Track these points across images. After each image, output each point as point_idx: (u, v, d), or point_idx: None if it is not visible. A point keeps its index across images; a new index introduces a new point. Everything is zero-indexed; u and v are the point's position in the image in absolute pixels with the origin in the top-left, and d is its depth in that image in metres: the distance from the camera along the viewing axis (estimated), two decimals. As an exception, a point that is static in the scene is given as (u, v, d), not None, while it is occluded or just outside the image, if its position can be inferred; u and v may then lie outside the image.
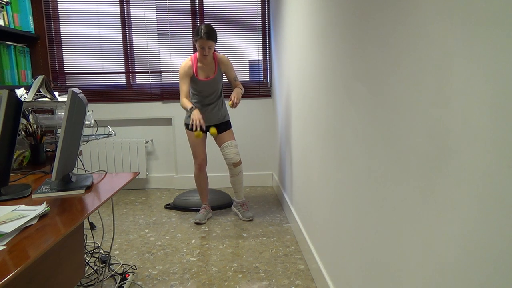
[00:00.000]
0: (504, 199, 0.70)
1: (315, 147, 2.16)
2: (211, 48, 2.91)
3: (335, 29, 1.69)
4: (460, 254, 0.84)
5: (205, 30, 2.84)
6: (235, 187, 3.21)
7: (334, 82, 1.74)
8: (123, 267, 2.39)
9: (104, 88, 4.01)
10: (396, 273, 1.16)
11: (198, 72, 3.01)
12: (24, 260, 1.01)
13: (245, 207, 3.21)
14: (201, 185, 3.21)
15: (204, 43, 2.87)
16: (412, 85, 1.02)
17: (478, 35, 0.75)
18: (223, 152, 3.11)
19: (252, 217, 3.15)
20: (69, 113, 1.51)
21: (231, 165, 3.10)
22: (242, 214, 3.18)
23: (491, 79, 0.72)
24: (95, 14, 3.91)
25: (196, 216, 3.14)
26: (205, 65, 3.01)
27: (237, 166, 3.11)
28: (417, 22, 0.98)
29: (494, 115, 0.72)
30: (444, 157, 0.88)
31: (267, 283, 2.19)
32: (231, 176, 3.16)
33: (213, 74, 3.03)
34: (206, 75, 3.02)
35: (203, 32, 2.84)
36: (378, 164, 1.26)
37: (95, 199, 1.54)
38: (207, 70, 3.02)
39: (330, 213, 1.87)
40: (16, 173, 2.02)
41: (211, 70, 3.03)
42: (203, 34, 2.83)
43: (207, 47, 2.88)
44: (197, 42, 2.89)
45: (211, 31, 2.87)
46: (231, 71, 3.09)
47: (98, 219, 3.28)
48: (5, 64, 3.15)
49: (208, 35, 2.84)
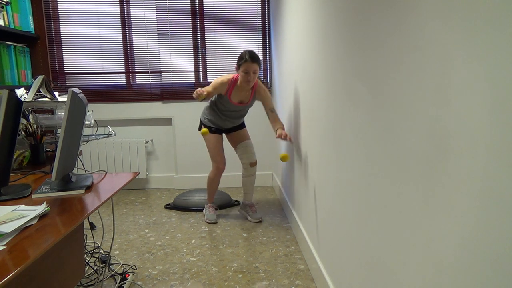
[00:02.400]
0: (504, 199, 0.70)
1: (315, 147, 2.16)
2: (256, 73, 2.83)
3: (335, 28, 1.69)
4: (459, 254, 0.84)
5: (250, 53, 2.79)
6: (247, 188, 3.18)
7: (334, 81, 1.74)
8: (123, 267, 2.39)
9: (104, 88, 4.01)
10: (396, 273, 1.16)
11: (232, 95, 2.93)
12: (24, 260, 1.01)
13: (253, 209, 3.20)
14: (213, 187, 3.19)
15: (249, 67, 2.78)
16: (412, 85, 1.02)
17: (478, 35, 0.75)
18: (239, 152, 3.11)
19: (261, 218, 3.13)
20: (69, 113, 1.51)
21: (247, 164, 3.10)
22: (251, 215, 3.16)
23: (491, 79, 0.72)
24: (95, 14, 3.91)
25: (207, 217, 3.14)
26: (243, 90, 2.93)
27: (254, 166, 3.11)
28: (417, 22, 0.98)
29: (493, 115, 0.72)
30: (444, 157, 0.88)
31: (267, 283, 2.19)
32: (246, 176, 3.14)
33: (247, 101, 2.99)
34: (240, 100, 2.97)
35: (248, 55, 2.78)
36: (378, 164, 1.26)
37: (95, 199, 1.54)
38: (242, 95, 2.95)
39: (330, 213, 1.87)
40: (16, 173, 2.02)
41: (247, 97, 2.97)
42: (248, 57, 2.77)
43: (251, 71, 2.80)
44: (241, 67, 2.81)
45: (256, 55, 2.81)
46: (269, 101, 2.96)
47: (98, 219, 3.28)
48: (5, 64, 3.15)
49: (253, 58, 2.78)
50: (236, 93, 2.94)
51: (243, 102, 2.98)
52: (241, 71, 2.82)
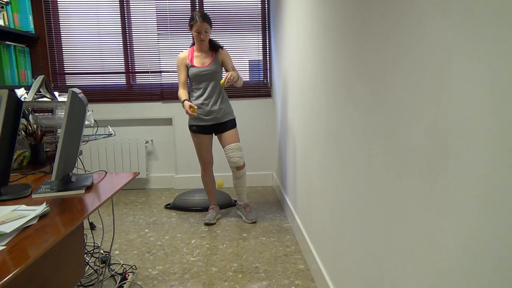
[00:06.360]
0: (504, 199, 0.70)
1: (315, 146, 2.16)
2: (208, 32, 2.94)
3: (335, 28, 1.69)
4: (460, 254, 0.84)
5: (199, 14, 2.89)
6: (238, 190, 3.18)
7: (334, 81, 1.74)
8: (123, 267, 2.39)
9: (104, 88, 4.01)
10: (396, 273, 1.16)
11: (194, 60, 3.02)
12: (24, 260, 1.01)
13: (248, 209, 3.19)
14: (207, 186, 3.20)
15: (200, 27, 2.90)
16: (412, 84, 1.02)
17: (477, 34, 0.75)
18: (226, 155, 3.07)
19: (255, 219, 3.12)
20: (69, 113, 1.51)
21: (234, 168, 3.07)
22: (245, 216, 3.16)
23: (491, 79, 0.72)
24: (95, 14, 3.91)
25: (206, 217, 3.14)
26: (202, 53, 3.03)
27: (240, 169, 3.08)
28: (417, 22, 0.98)
29: (493, 115, 0.72)
30: (444, 156, 0.88)
31: (267, 283, 2.19)
32: (234, 178, 3.13)
33: (209, 61, 3.02)
34: (202, 63, 3.02)
35: (198, 15, 2.88)
36: (378, 164, 1.26)
37: (95, 199, 1.54)
38: (203, 58, 3.03)
39: (330, 213, 1.87)
40: (16, 173, 2.02)
41: (208, 58, 3.04)
42: (198, 17, 2.88)
43: (203, 30, 2.91)
44: (193, 28, 2.93)
45: (206, 15, 2.92)
46: (229, 61, 3.08)
47: (98, 219, 3.28)
48: (5, 64, 3.15)
49: (203, 18, 2.89)
50: (197, 58, 3.03)
51: (205, 64, 3.02)
52: (193, 31, 2.95)
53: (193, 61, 3.02)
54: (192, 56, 3.03)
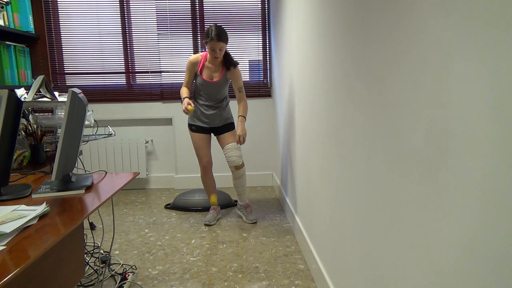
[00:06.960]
0: (504, 199, 0.70)
1: (315, 147, 2.16)
2: (222, 50, 2.88)
3: (335, 28, 1.69)
4: (460, 254, 0.84)
5: (216, 31, 2.80)
6: (238, 190, 3.18)
7: (334, 81, 1.74)
8: (123, 267, 2.39)
9: (104, 88, 4.01)
10: (396, 273, 1.16)
11: (204, 71, 2.99)
12: (24, 260, 1.01)
13: (248, 210, 3.18)
14: (208, 186, 3.19)
15: (215, 45, 2.83)
16: (412, 84, 1.02)
17: (478, 34, 0.75)
18: (225, 154, 3.08)
19: (255, 219, 3.12)
20: (69, 113, 1.51)
21: (233, 168, 3.07)
22: (245, 216, 3.15)
23: (491, 79, 0.72)
24: (95, 14, 3.91)
25: (205, 218, 3.13)
26: (213, 65, 2.99)
27: (239, 169, 3.07)
28: (417, 22, 0.98)
29: (494, 115, 0.72)
30: (444, 157, 0.88)
31: (267, 283, 2.19)
32: (234, 178, 3.13)
33: (217, 78, 2.99)
34: (210, 77, 2.99)
35: (214, 33, 2.79)
36: (378, 164, 1.26)
37: (95, 199, 1.54)
38: (212, 72, 2.99)
39: (330, 213, 1.87)
40: (16, 173, 2.02)
41: (217, 74, 3.00)
42: (213, 36, 2.79)
43: (217, 49, 2.85)
44: (207, 44, 2.86)
45: (222, 32, 2.83)
46: (238, 80, 3.03)
47: (98, 219, 3.28)
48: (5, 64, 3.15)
49: (218, 37, 2.80)
50: (206, 69, 2.99)
51: (212, 79, 2.99)
52: (208, 48, 2.90)
53: (202, 71, 2.98)
54: (203, 65, 2.99)
